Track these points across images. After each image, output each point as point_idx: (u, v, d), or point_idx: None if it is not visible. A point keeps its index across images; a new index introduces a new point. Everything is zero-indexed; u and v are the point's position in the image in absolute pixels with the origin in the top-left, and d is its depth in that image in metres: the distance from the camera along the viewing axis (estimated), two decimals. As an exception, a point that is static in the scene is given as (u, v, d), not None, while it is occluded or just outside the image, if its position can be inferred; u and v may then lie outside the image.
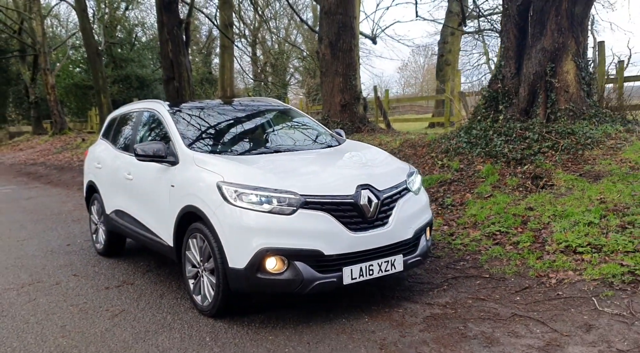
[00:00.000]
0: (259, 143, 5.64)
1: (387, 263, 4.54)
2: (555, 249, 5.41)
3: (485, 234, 6.20)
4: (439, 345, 3.93)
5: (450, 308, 4.62)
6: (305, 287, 4.25)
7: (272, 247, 4.22)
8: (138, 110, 6.44)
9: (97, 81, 27.89)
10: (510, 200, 6.82)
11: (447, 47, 24.00)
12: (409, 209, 4.76)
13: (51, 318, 4.89)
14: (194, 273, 4.90)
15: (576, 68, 8.12)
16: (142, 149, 5.22)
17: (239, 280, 4.34)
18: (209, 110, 6.09)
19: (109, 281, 5.94)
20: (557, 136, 7.74)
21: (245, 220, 4.30)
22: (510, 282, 5.04)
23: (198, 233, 4.71)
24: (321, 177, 4.68)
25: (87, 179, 7.29)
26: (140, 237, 5.79)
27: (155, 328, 4.54)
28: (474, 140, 8.51)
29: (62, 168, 19.74)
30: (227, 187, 4.40)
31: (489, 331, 4.11)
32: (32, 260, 6.96)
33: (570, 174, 6.95)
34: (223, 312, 4.64)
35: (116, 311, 5.00)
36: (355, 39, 12.43)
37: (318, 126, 6.28)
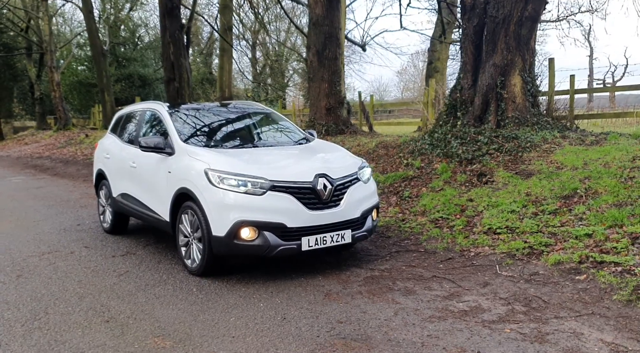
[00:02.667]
0: (242, 139, 6.86)
1: (338, 236, 5.77)
2: (480, 230, 6.65)
3: (430, 220, 7.43)
4: (370, 294, 5.16)
5: (387, 272, 5.85)
6: (271, 251, 5.48)
7: (246, 219, 5.45)
8: (141, 109, 7.68)
9: (101, 80, 29.14)
10: (456, 193, 8.05)
11: (436, 55, 25.20)
12: (358, 195, 6.00)
13: (69, 276, 6.11)
14: (185, 242, 6.12)
15: (522, 81, 9.37)
16: (145, 142, 6.47)
17: (220, 245, 5.57)
18: (202, 111, 7.33)
19: (115, 251, 7.16)
20: (503, 140, 8.98)
21: (226, 199, 5.53)
22: (439, 255, 6.28)
23: (189, 209, 5.94)
24: (288, 167, 5.92)
25: (96, 168, 8.52)
26: (142, 214, 7.02)
27: (153, 283, 5.77)
28: (435, 143, 9.74)
29: (67, 161, 20.89)
30: (212, 173, 5.63)
31: (410, 286, 5.34)
32: (49, 236, 8.18)
33: (508, 172, 8.18)
34: (208, 272, 5.86)
35: (121, 272, 6.23)
36: (340, 48, 13.67)
37: (294, 127, 7.51)
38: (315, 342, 4.16)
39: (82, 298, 5.36)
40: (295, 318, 4.63)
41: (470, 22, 9.65)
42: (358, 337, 4.21)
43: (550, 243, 5.93)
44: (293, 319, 4.62)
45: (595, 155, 7.87)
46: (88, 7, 28.63)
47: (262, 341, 4.22)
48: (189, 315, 4.82)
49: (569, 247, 5.75)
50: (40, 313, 4.96)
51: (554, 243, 5.92)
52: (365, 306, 4.86)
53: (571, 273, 5.27)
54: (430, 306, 4.81)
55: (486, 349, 3.92)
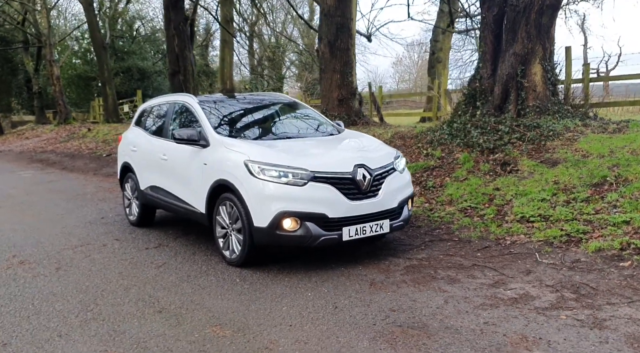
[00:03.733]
0: (275, 130, 6.89)
1: (377, 226, 5.81)
2: (512, 219, 6.70)
3: (458, 209, 7.49)
4: (414, 282, 5.22)
5: (425, 261, 5.90)
6: (314, 241, 5.52)
7: (288, 210, 5.49)
8: (169, 102, 7.68)
9: (103, 73, 29.05)
10: (482, 182, 8.11)
11: (439, 45, 25.26)
12: (395, 184, 6.04)
13: (108, 268, 6.14)
14: (223, 234, 6.16)
15: (543, 70, 9.41)
16: (179, 134, 6.49)
17: (262, 236, 5.61)
18: (231, 102, 7.35)
19: (147, 244, 7.19)
20: (525, 129, 9.03)
21: (267, 190, 5.56)
22: (474, 244, 6.34)
23: (227, 201, 5.97)
24: (326, 157, 5.95)
25: (121, 161, 8.53)
26: (174, 206, 7.04)
27: (195, 274, 5.81)
28: (454, 132, 9.78)
29: (72, 155, 20.84)
30: (253, 165, 5.66)
31: (453, 275, 5.40)
32: (76, 229, 8.20)
33: (533, 161, 8.24)
34: (248, 263, 5.90)
35: (159, 263, 6.26)
36: (352, 39, 13.66)
37: (321, 117, 7.54)
38: (373, 330, 4.21)
39: (128, 289, 5.40)
40: (347, 307, 4.68)
41: (490, 11, 9.68)
42: (414, 325, 4.26)
43: (587, 230, 5.99)
44: (345, 308, 4.67)
45: (621, 143, 7.93)
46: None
47: (320, 329, 4.27)
48: (240, 304, 4.86)
49: (607, 234, 5.81)
50: (91, 305, 4.99)
51: (591, 230, 5.98)
52: (413, 294, 4.91)
53: (614, 260, 5.33)
54: (478, 294, 4.86)
55: (547, 335, 3.97)
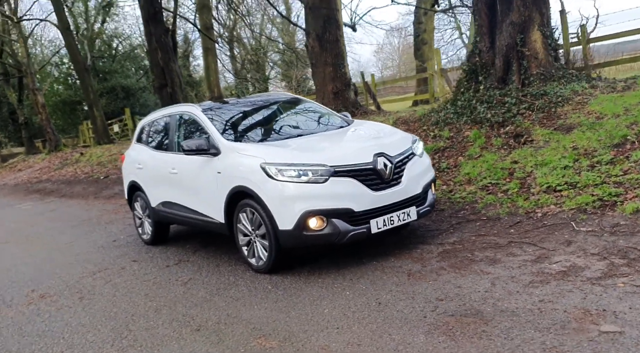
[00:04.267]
0: (282, 129, 6.66)
1: (404, 214, 5.61)
2: (538, 191, 6.52)
3: (479, 187, 7.30)
4: (453, 268, 5.02)
5: (458, 244, 5.71)
6: (343, 238, 5.32)
7: (312, 209, 5.28)
8: (171, 114, 7.45)
9: (88, 95, 28.71)
10: (497, 157, 7.92)
11: (422, 27, 25.07)
12: (416, 169, 5.85)
13: (133, 291, 5.93)
14: (246, 241, 5.95)
15: (542, 36, 9.21)
16: (187, 145, 6.26)
17: (288, 238, 5.40)
18: (234, 106, 7.13)
19: (167, 261, 6.97)
20: (532, 98, 8.84)
21: (288, 191, 5.35)
22: (504, 220, 6.15)
23: (247, 207, 5.76)
24: (343, 150, 5.75)
25: (128, 180, 8.30)
26: (191, 220, 6.83)
27: (224, 287, 5.60)
28: (459, 111, 9.59)
29: (69, 182, 20.56)
30: (270, 167, 5.45)
31: (491, 255, 5.21)
32: (89, 255, 7.97)
33: (547, 129, 8.05)
34: (276, 268, 5.70)
35: (185, 279, 6.05)
36: (340, 30, 13.45)
37: (327, 110, 7.34)
38: (426, 323, 4.01)
39: (159, 310, 5.19)
40: (391, 302, 4.49)
41: (481, -17, 9.49)
42: (467, 312, 4.07)
43: (619, 193, 5.81)
44: (389, 303, 4.48)
45: (634, 100, 7.75)
46: (64, 23, 28.11)
47: (369, 328, 4.07)
48: (279, 312, 4.66)
49: (642, 193, 5.64)
50: (124, 331, 4.78)
51: (624, 192, 5.80)
52: (456, 281, 4.72)
53: (656, 219, 5.16)
54: (524, 272, 4.67)
55: (610, 306, 3.79)
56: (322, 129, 6.69)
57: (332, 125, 6.81)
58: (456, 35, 45.21)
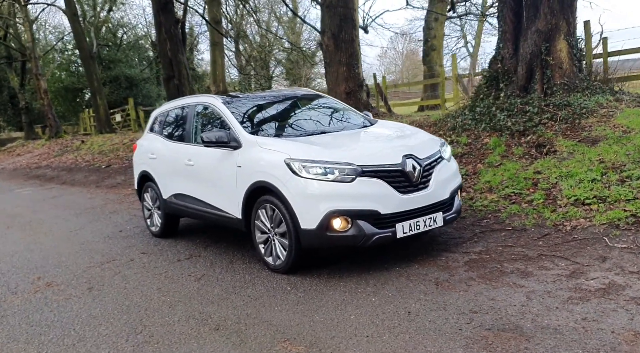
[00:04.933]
0: (306, 125, 6.44)
1: (430, 220, 5.41)
2: (566, 203, 6.33)
3: (501, 196, 7.10)
4: (484, 279, 4.82)
5: (485, 254, 5.51)
6: (367, 241, 5.11)
7: (337, 209, 5.07)
8: (188, 105, 7.23)
9: (92, 83, 28.41)
10: (519, 166, 7.73)
11: (432, 32, 24.87)
12: (444, 174, 5.65)
13: (144, 284, 5.71)
14: (264, 239, 5.74)
15: (568, 46, 9.03)
16: (207, 137, 6.05)
17: (311, 238, 5.19)
18: (254, 100, 6.93)
19: (177, 255, 6.75)
20: (555, 108, 8.66)
21: (313, 189, 5.15)
22: (531, 232, 5.96)
23: (268, 204, 5.56)
24: (371, 150, 5.54)
25: (139, 170, 8.07)
26: (205, 214, 6.61)
27: (240, 285, 5.38)
28: (478, 117, 9.40)
29: (70, 169, 20.29)
30: (295, 163, 5.24)
31: (522, 267, 5.01)
32: (96, 245, 7.75)
33: (570, 141, 7.87)
34: (294, 268, 5.49)
35: (198, 275, 5.84)
36: (356, 30, 13.25)
37: (348, 108, 7.14)
38: (462, 336, 3.81)
39: (173, 306, 4.97)
40: (421, 312, 4.28)
41: (509, -11, 9.30)
42: (505, 327, 3.87)
43: (654, 209, 5.63)
44: (420, 313, 4.27)
45: (663, 116, 7.59)
46: (72, 9, 27.81)
47: (402, 339, 3.87)
48: (302, 316, 4.45)
49: (678, 211, 5.45)
50: (138, 326, 4.56)
51: (659, 209, 5.62)
52: (489, 292, 4.52)
53: (696, 239, 4.98)
54: (560, 287, 4.48)
55: (660, 327, 3.60)
56: (346, 126, 6.49)
57: (355, 124, 6.61)
58: (461, 44, 45.14)
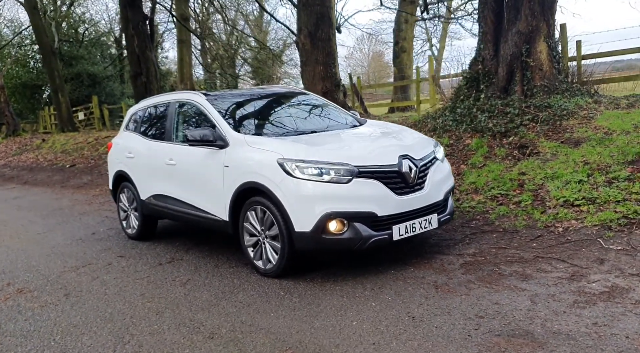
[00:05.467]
0: (295, 124, 6.23)
1: (426, 221, 5.30)
2: (555, 204, 6.29)
3: (487, 197, 7.04)
4: (483, 282, 4.72)
5: (479, 256, 5.42)
6: (364, 243, 4.96)
7: (334, 211, 4.91)
8: (169, 101, 6.96)
9: (54, 80, 27.57)
10: (503, 167, 7.69)
11: (402, 34, 24.91)
12: (439, 175, 5.54)
13: (126, 290, 5.44)
14: (254, 242, 5.54)
15: (548, 48, 9.06)
16: (192, 135, 5.81)
17: (305, 241, 5.01)
18: (240, 97, 6.71)
19: (158, 259, 6.49)
20: (536, 110, 8.66)
21: (308, 190, 4.97)
22: (523, 233, 5.89)
23: (258, 205, 5.36)
24: (367, 150, 5.39)
25: (114, 169, 7.75)
26: (188, 216, 6.36)
27: (229, 290, 5.17)
28: (459, 118, 9.35)
29: (30, 169, 19.66)
30: (289, 163, 5.05)
31: (520, 270, 4.93)
32: (68, 248, 7.41)
33: (553, 142, 7.87)
34: (286, 273, 5.30)
35: (183, 280, 5.60)
36: (332, 29, 13.08)
37: (336, 107, 6.98)
38: (473, 343, 3.68)
39: (160, 313, 4.73)
40: (426, 317, 4.14)
41: (490, -10, 9.27)
42: (515, 333, 3.76)
43: (645, 211, 5.62)
44: (424, 318, 4.13)
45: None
46: (31, 2, 26.88)
47: (411, 346, 3.72)
48: (301, 322, 4.27)
49: (671, 213, 5.45)
50: (125, 336, 4.31)
51: (651, 210, 5.62)
52: (491, 296, 4.41)
53: (693, 241, 4.97)
54: (562, 290, 4.39)
55: (675, 332, 3.54)
56: (336, 125, 6.32)
57: (344, 123, 6.46)
58: (427, 47, 45.46)
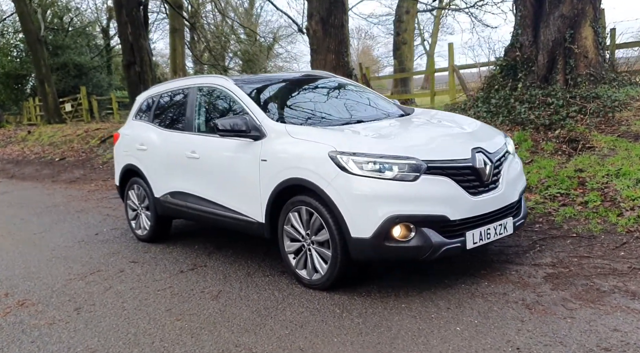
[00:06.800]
0: (338, 112, 5.44)
1: (501, 227, 4.53)
2: (632, 206, 5.55)
3: (545, 197, 6.29)
4: (583, 301, 3.96)
5: (561, 266, 4.66)
6: (434, 253, 4.17)
7: (400, 214, 4.12)
8: (188, 86, 6.12)
9: (40, 69, 26.47)
10: (555, 163, 6.95)
11: (403, 26, 24.16)
12: (512, 172, 4.78)
13: (148, 304, 4.62)
14: (296, 248, 4.74)
15: (594, 34, 8.34)
16: (222, 124, 4.99)
17: (363, 249, 4.22)
18: (271, 83, 5.91)
19: (177, 265, 5.67)
20: (582, 100, 7.94)
21: (369, 189, 4.17)
22: (602, 240, 5.14)
23: (303, 206, 4.56)
24: (434, 142, 4.61)
25: (123, 163, 6.89)
26: (212, 216, 5.53)
27: (273, 305, 4.36)
28: (494, 110, 8.61)
29: (17, 162, 18.67)
30: (344, 157, 4.26)
31: (620, 284, 4.17)
32: (70, 251, 6.57)
33: (608, 136, 7.15)
34: (336, 284, 4.52)
35: (213, 292, 4.78)
36: (346, 15, 12.27)
37: (379, 95, 6.20)
38: (610, 382, 2.92)
39: (196, 335, 3.92)
40: (535, 348, 3.36)
41: (530, -30, 8.53)
42: (659, 368, 3.01)
43: None
44: (527, 347, 3.36)
45: None
46: (17, -12, 25.81)
47: (531, 387, 2.95)
48: (375, 351, 3.48)
49: None
50: (160, 368, 3.51)
51: None
52: (603, 320, 3.64)
53: None
54: (688, 310, 3.66)
55: None
56: (383, 114, 5.53)
57: (391, 112, 5.67)
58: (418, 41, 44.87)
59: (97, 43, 41.15)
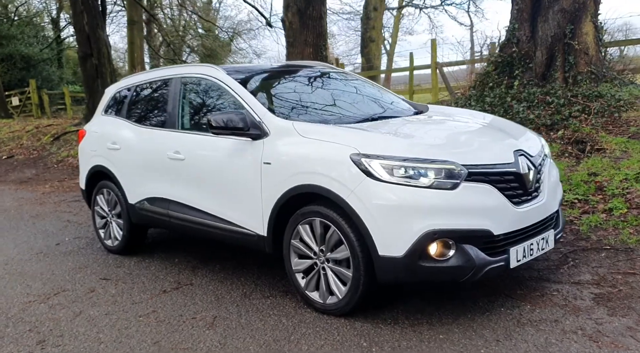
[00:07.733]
0: (351, 109, 4.77)
1: (543, 241, 3.95)
2: (665, 214, 5.07)
3: (562, 203, 5.76)
4: (652, 329, 3.41)
5: (606, 285, 4.11)
6: (476, 274, 3.55)
7: (439, 228, 3.48)
8: (171, 76, 5.34)
9: (-16, 61, 24.89)
10: (564, 166, 6.46)
11: (371, 23, 23.70)
12: (552, 178, 4.21)
13: (130, 335, 3.86)
14: (307, 267, 4.05)
15: (595, 29, 7.91)
16: (216, 120, 4.26)
17: (394, 270, 3.57)
18: (267, 74, 5.20)
19: (159, 283, 4.90)
20: (585, 99, 7.49)
21: (401, 199, 3.52)
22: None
23: (316, 217, 3.88)
24: (471, 143, 4.00)
25: (90, 164, 6.05)
26: (201, 227, 4.78)
27: (283, 336, 3.67)
28: (489, 108, 8.09)
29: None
30: (370, 161, 3.60)
31: (686, 308, 3.65)
32: (27, 265, 5.71)
33: (618, 137, 6.71)
34: (357, 310, 3.86)
35: (207, 318, 4.05)
36: (324, 6, 11.58)
37: (385, 90, 5.57)
38: None
39: (199, 382, 3.20)
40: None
41: (529, -39, 8.03)
42: None
43: None
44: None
45: None
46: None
47: None
48: (431, 402, 2.84)
49: None
50: None
51: None
52: (683, 352, 3.10)
53: None
54: None
55: None
56: (399, 111, 4.90)
57: (405, 108, 5.04)
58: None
59: (46, 34, 39.29)
